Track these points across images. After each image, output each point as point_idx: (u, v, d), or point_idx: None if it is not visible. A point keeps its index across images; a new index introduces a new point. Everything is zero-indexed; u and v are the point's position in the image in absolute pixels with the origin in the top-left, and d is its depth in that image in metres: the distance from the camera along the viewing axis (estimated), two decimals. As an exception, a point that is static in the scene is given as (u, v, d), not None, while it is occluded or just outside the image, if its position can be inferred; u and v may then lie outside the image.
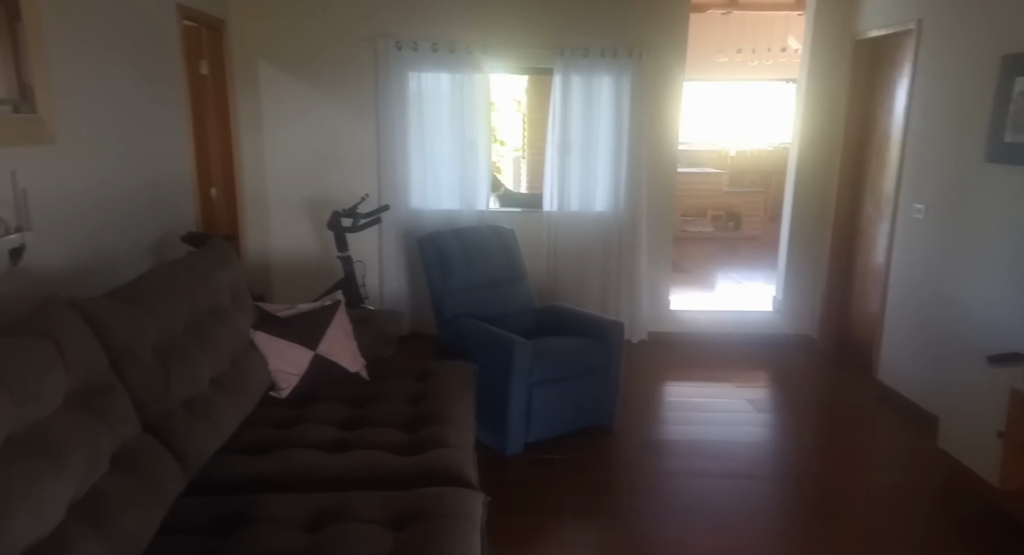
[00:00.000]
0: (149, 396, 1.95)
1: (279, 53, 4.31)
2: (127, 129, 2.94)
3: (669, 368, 4.33)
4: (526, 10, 4.24)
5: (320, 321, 2.88)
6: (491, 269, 3.59)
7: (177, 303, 2.25)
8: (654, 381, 4.11)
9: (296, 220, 4.57)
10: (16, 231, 2.16)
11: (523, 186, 8.18)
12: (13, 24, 2.14)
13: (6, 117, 2.13)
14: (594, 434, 3.28)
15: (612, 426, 3.36)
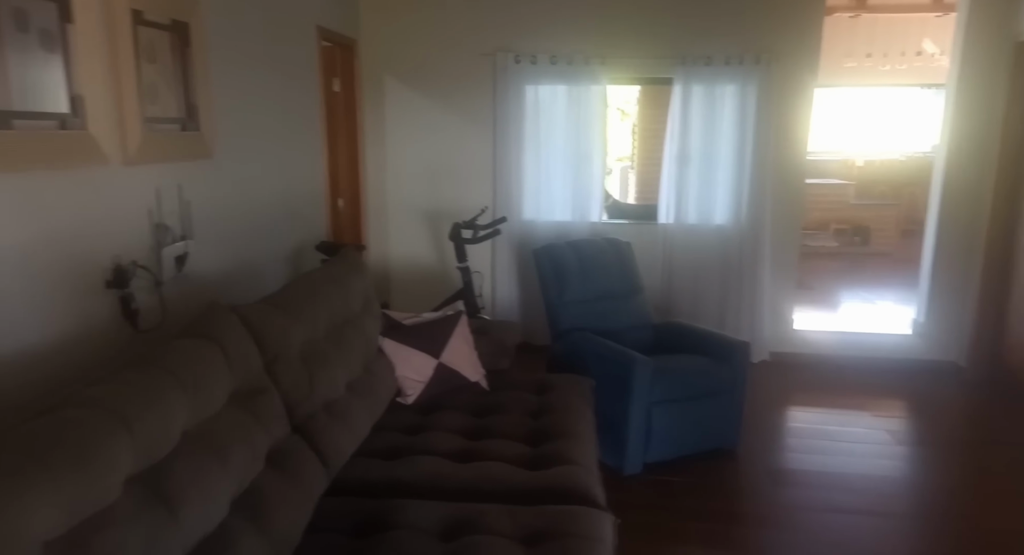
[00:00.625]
0: (296, 398, 2.05)
1: (404, 69, 4.48)
2: (271, 144, 3.14)
3: (794, 391, 4.08)
4: (647, 20, 4.17)
5: (443, 330, 2.93)
6: (607, 282, 3.53)
7: (319, 310, 2.36)
8: (778, 405, 3.88)
9: (413, 230, 4.72)
10: (181, 239, 2.36)
11: (630, 197, 8.06)
12: (184, 49, 2.34)
13: (175, 135, 2.33)
14: (716, 458, 3.13)
15: (735, 451, 3.20)
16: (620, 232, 4.23)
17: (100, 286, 1.96)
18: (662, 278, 4.44)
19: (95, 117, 1.89)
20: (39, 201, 1.73)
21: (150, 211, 2.19)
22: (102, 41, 1.91)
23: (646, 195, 7.42)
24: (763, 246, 4.30)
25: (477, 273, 4.02)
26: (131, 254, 2.08)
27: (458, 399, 2.72)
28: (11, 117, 1.60)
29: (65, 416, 1.26)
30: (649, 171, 7.41)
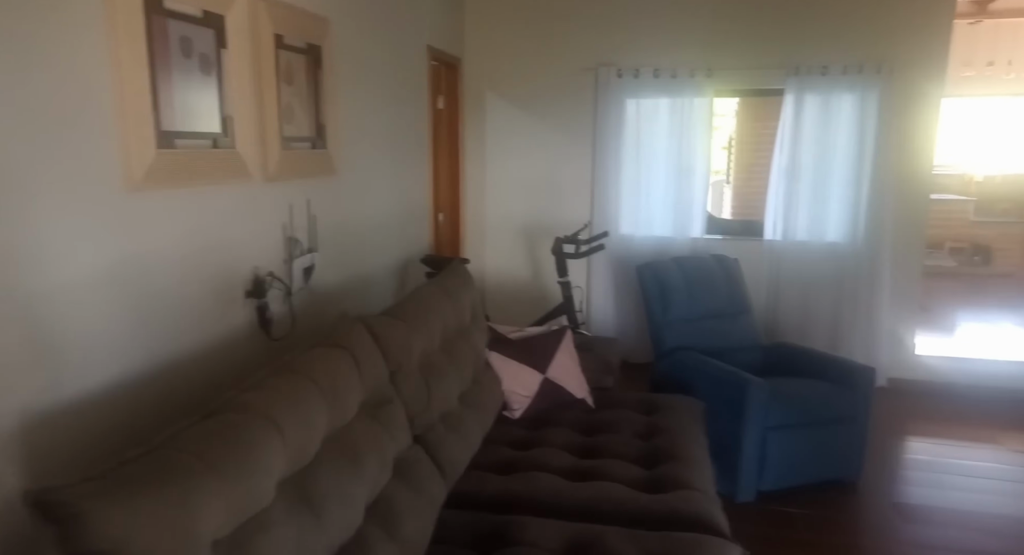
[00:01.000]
0: (416, 409, 2.09)
1: (505, 85, 4.55)
2: (384, 161, 3.25)
3: (917, 421, 3.79)
4: (757, 30, 4.05)
5: (548, 345, 2.92)
6: (714, 301, 3.42)
7: (434, 322, 2.40)
8: (900, 435, 3.62)
9: (509, 245, 4.76)
10: (308, 252, 2.47)
11: (725, 212, 7.81)
12: (316, 71, 2.46)
13: (307, 153, 2.45)
14: (836, 490, 2.95)
15: (856, 483, 3.00)
16: (722, 248, 4.10)
17: (240, 295, 2.07)
18: (767, 297, 4.26)
19: (242, 136, 2.01)
20: (195, 215, 1.85)
21: (284, 225, 2.30)
22: (249, 65, 2.03)
23: (742, 210, 7.17)
24: (881, 265, 4.05)
25: (577, 288, 4.00)
26: (266, 265, 2.19)
27: (565, 415, 2.69)
28: (174, 137, 1.72)
29: (227, 420, 1.33)
30: (746, 185, 7.16)
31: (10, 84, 1.29)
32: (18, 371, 1.33)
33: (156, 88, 1.62)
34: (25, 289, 1.34)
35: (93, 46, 1.46)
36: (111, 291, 1.55)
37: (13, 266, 1.32)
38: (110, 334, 1.56)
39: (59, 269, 1.42)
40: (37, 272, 1.37)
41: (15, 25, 1.29)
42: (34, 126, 1.34)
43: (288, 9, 2.22)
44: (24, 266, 1.34)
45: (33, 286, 1.36)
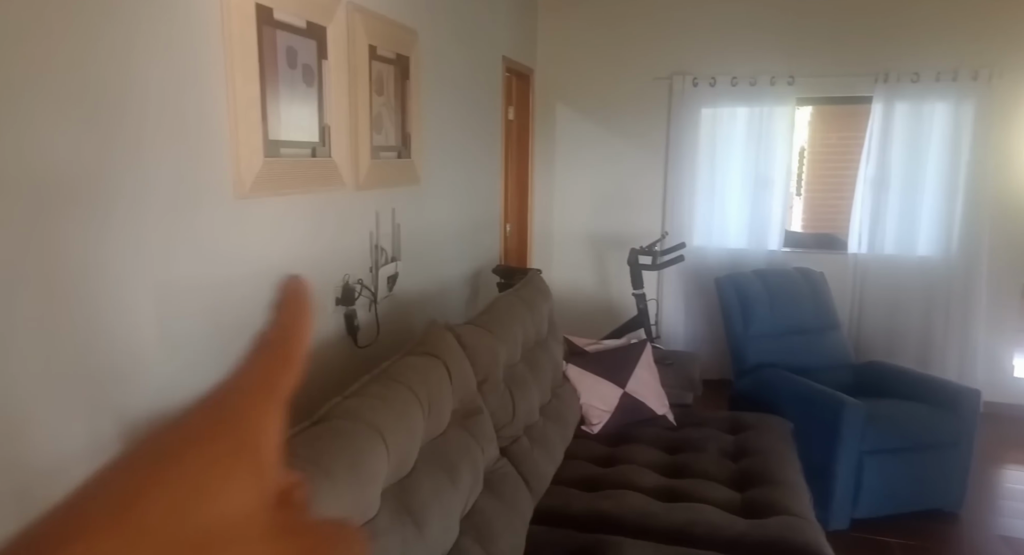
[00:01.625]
0: (502, 420, 2.06)
1: (575, 95, 4.52)
2: (461, 171, 3.26)
3: (1019, 448, 3.54)
4: (843, 35, 3.90)
5: (627, 359, 2.85)
6: (799, 316, 3.28)
7: (517, 332, 2.38)
8: (1001, 462, 3.38)
9: (577, 256, 4.71)
10: (392, 261, 2.48)
11: (795, 224, 7.54)
12: (404, 82, 2.49)
13: (393, 162, 2.47)
14: (936, 519, 2.76)
15: (959, 513, 2.81)
16: (802, 262, 3.94)
17: (331, 303, 2.09)
18: (852, 312, 4.07)
19: (337, 145, 2.03)
20: (293, 222, 1.88)
21: (371, 233, 2.32)
22: (345, 75, 2.06)
23: (815, 223, 6.90)
24: (977, 281, 3.81)
25: (652, 300, 3.91)
26: (354, 273, 2.21)
27: (646, 432, 2.62)
28: (280, 146, 1.75)
29: (336, 427, 1.32)
30: (820, 197, 6.88)
31: (132, 89, 1.33)
32: (118, 378, 1.36)
33: (265, 97, 1.66)
34: (131, 294, 1.38)
35: (210, 55, 1.50)
36: (214, 297, 1.58)
37: (122, 270, 1.35)
38: (213, 340, 1.58)
39: (166, 275, 1.45)
40: (144, 277, 1.40)
41: (136, 35, 1.33)
42: (155, 132, 1.38)
43: (382, 21, 2.25)
44: (130, 271, 1.38)
45: (139, 291, 1.39)
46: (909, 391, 2.92)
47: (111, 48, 1.27)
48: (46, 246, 1.18)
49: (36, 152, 1.14)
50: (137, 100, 1.33)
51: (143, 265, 1.38)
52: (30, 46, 1.12)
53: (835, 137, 6.90)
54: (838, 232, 5.91)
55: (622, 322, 3.92)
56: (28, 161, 1.13)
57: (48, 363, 1.19)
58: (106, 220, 1.29)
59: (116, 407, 1.34)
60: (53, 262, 1.19)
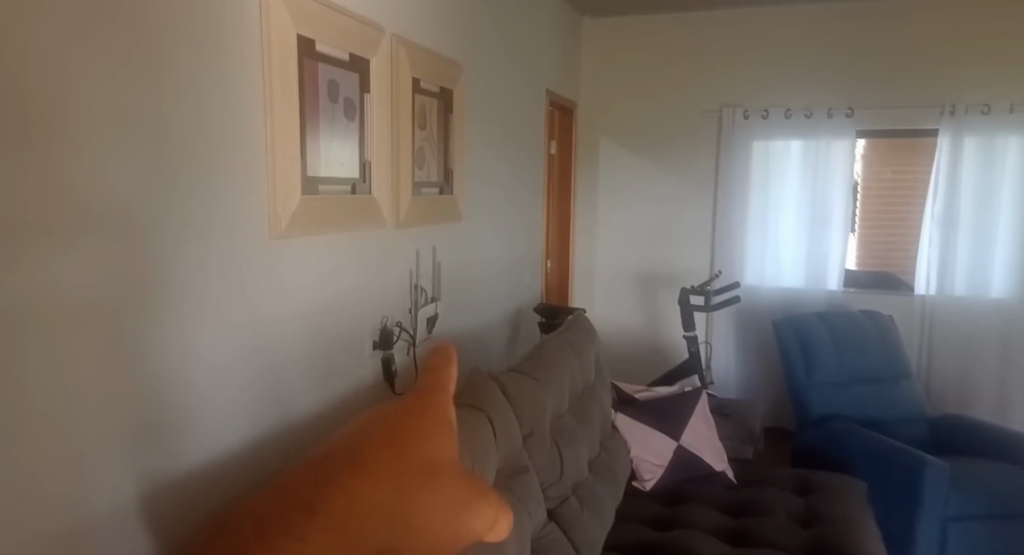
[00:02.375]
0: (549, 479, 1.88)
1: (619, 129, 4.41)
2: (503, 206, 3.15)
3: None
4: (906, 66, 3.71)
5: (681, 408, 2.66)
6: (867, 362, 3.04)
7: (564, 380, 2.21)
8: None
9: (621, 294, 4.53)
10: (431, 301, 2.36)
11: (849, 262, 7.22)
12: (447, 116, 2.40)
13: (434, 198, 2.36)
14: (1034, 599, 2.46)
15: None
16: (864, 303, 3.70)
17: (368, 347, 1.97)
18: (919, 359, 3.78)
19: (378, 181, 1.94)
20: (330, 263, 1.77)
21: (411, 272, 2.21)
22: (388, 109, 1.98)
23: (871, 260, 6.60)
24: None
25: (705, 344, 3.70)
26: (393, 315, 2.09)
27: (704, 491, 2.40)
28: (318, 183, 1.66)
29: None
30: (875, 233, 6.59)
31: (168, 122, 1.24)
32: (148, 435, 1.24)
33: (304, 132, 1.57)
34: (161, 343, 1.27)
35: (250, 88, 1.42)
36: (246, 345, 1.47)
37: (153, 319, 1.25)
38: (243, 391, 1.47)
39: (198, 322, 1.34)
40: (175, 325, 1.29)
41: (175, 67, 1.25)
42: (189, 169, 1.29)
43: (426, 53, 2.17)
44: (163, 319, 1.27)
45: (170, 340, 1.28)
46: (994, 449, 2.65)
47: (152, 84, 1.19)
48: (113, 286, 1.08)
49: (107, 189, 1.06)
50: (174, 138, 1.25)
51: (186, 308, 1.28)
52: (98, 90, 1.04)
53: (889, 171, 6.63)
54: (896, 271, 5.60)
55: (670, 366, 3.71)
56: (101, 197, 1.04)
57: (105, 409, 1.09)
58: (158, 259, 1.19)
59: (164, 455, 1.22)
60: (119, 303, 1.09)
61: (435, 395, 0.37)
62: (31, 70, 1.00)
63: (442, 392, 0.38)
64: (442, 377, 0.39)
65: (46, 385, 1.05)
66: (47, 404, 1.06)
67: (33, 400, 1.04)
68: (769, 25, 3.95)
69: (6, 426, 1.00)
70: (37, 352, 1.04)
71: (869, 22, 3.76)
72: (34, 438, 1.04)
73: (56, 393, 1.07)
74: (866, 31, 3.77)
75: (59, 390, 1.07)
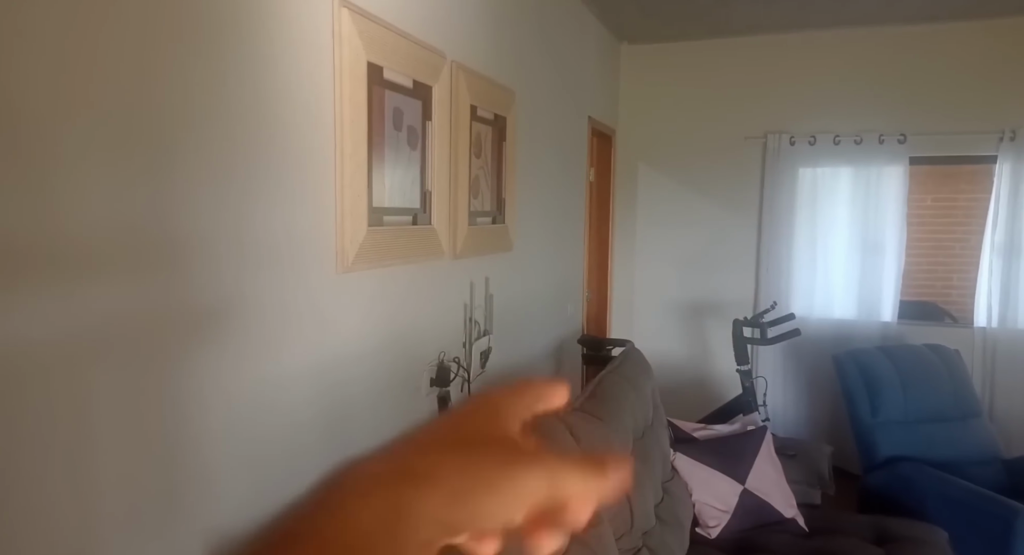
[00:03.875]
0: (620, 529, 1.75)
1: (659, 157, 4.33)
2: (549, 236, 3.07)
3: None
4: (961, 91, 3.60)
5: (745, 448, 2.51)
6: (936, 400, 2.87)
7: (627, 419, 2.09)
8: None
9: (662, 325, 4.40)
10: (484, 334, 2.26)
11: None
12: (501, 143, 2.33)
13: (488, 227, 2.29)
14: None
15: None
16: (919, 336, 3.53)
17: (426, 384, 1.87)
18: (983, 395, 3.59)
19: (437, 211, 1.86)
20: (391, 296, 1.69)
21: (465, 305, 2.12)
22: (448, 137, 1.91)
23: (916, 290, 6.42)
24: None
25: (761, 378, 3.55)
26: (449, 350, 1.99)
27: (774, 540, 2.24)
28: (383, 214, 1.58)
29: None
30: (919, 262, 6.42)
31: (241, 153, 1.17)
32: (216, 485, 1.15)
33: (371, 162, 1.50)
34: (227, 386, 1.18)
35: (321, 117, 1.35)
36: (311, 386, 1.38)
37: (219, 364, 1.16)
38: (310, 436, 1.37)
39: (267, 362, 1.25)
40: (240, 368, 1.21)
41: (254, 96, 1.18)
42: (262, 201, 1.22)
43: (482, 80, 2.11)
44: (230, 364, 1.19)
45: (235, 384, 1.19)
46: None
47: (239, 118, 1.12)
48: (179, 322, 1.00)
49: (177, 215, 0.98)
50: (245, 170, 1.18)
51: (254, 345, 1.20)
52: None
53: (930, 198, 6.47)
54: (940, 300, 5.40)
55: (714, 400, 3.56)
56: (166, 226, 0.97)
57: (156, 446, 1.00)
58: (225, 293, 1.11)
59: (225, 510, 1.13)
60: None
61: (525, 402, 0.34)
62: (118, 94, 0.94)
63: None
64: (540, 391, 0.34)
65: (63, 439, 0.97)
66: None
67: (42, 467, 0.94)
68: (814, 50, 3.87)
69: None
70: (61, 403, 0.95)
71: (922, 46, 3.66)
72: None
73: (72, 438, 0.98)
74: (918, 55, 3.67)
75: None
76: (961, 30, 3.58)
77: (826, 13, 3.55)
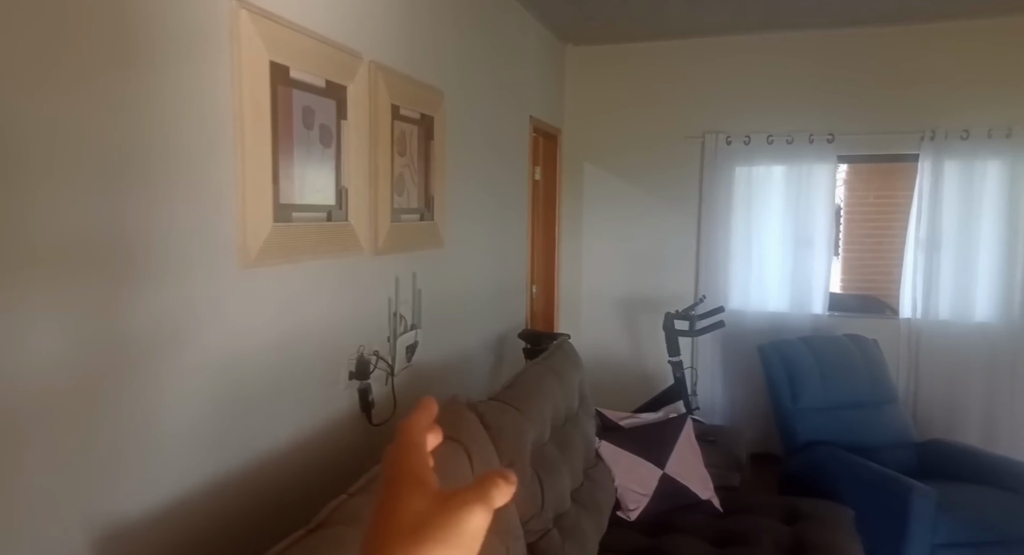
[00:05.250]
0: (529, 512, 1.83)
1: (604, 155, 4.43)
2: (486, 233, 3.14)
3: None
4: (886, 92, 3.76)
5: (666, 435, 2.62)
6: (853, 387, 3.02)
7: (546, 408, 2.17)
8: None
9: (606, 320, 4.51)
10: (411, 329, 2.32)
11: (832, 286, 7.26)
12: (428, 142, 2.40)
13: (414, 224, 2.35)
14: (1027, 630, 2.41)
15: (1054, 623, 2.45)
16: (850, 327, 3.68)
17: (344, 377, 1.93)
18: (906, 383, 3.76)
19: (355, 208, 1.92)
20: (303, 292, 1.74)
21: (390, 300, 2.18)
22: (366, 135, 1.97)
23: (856, 284, 6.65)
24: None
25: (691, 369, 3.67)
26: (370, 344, 2.05)
27: (689, 520, 2.35)
28: (291, 210, 1.63)
29: (337, 535, 1.13)
30: (860, 257, 6.65)
31: (132, 152, 1.22)
32: (104, 474, 1.19)
33: (277, 159, 1.55)
34: (125, 379, 1.23)
35: (219, 117, 1.40)
36: (213, 379, 1.43)
37: (120, 353, 1.21)
38: (210, 427, 1.42)
39: (166, 356, 1.30)
40: (142, 361, 1.25)
41: (142, 91, 1.23)
42: (155, 200, 1.27)
43: (405, 80, 2.17)
44: (130, 353, 1.23)
45: (134, 376, 1.24)
46: (982, 475, 2.62)
47: (124, 110, 1.17)
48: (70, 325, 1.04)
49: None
50: (138, 169, 1.22)
51: (146, 343, 1.24)
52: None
53: (873, 195, 6.70)
54: (880, 294, 5.61)
55: (656, 392, 3.68)
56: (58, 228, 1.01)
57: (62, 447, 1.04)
58: (115, 292, 1.16)
59: (118, 497, 1.17)
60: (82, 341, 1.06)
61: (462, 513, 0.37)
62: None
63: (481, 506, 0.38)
64: (492, 487, 0.38)
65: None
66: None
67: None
68: (750, 52, 4.01)
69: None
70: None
71: (848, 50, 3.82)
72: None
73: None
74: (846, 58, 3.83)
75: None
76: (885, 34, 3.75)
77: (758, 17, 3.68)
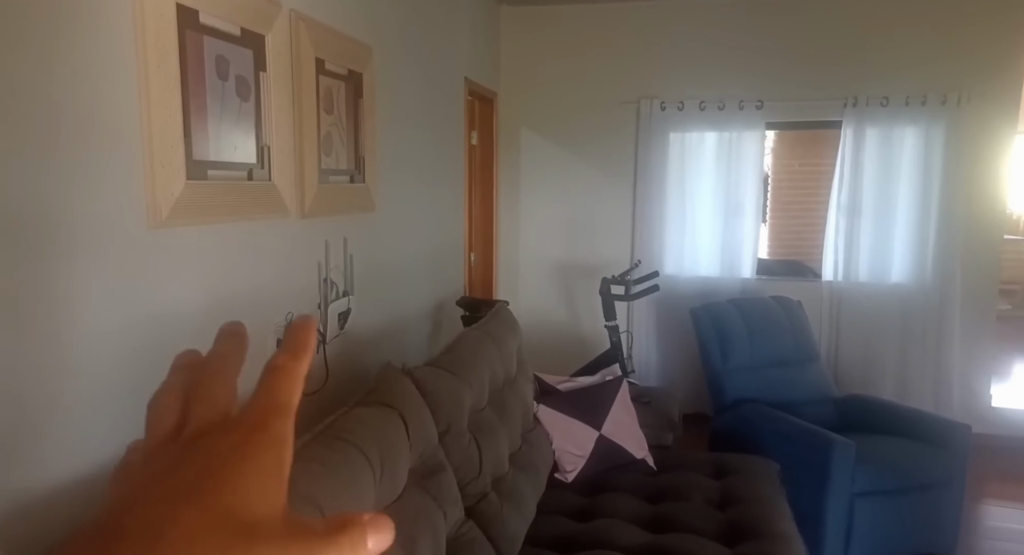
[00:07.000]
0: (468, 476, 1.83)
1: (540, 120, 4.39)
2: (421, 197, 3.06)
3: (1003, 482, 3.43)
4: (811, 60, 3.85)
5: (602, 398, 2.66)
6: (778, 347, 3.14)
7: (483, 373, 2.16)
8: (986, 498, 3.26)
9: (545, 286, 4.52)
10: (344, 295, 2.24)
11: (761, 251, 7.53)
12: (357, 100, 2.29)
13: (344, 186, 2.25)
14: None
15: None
16: (776, 290, 3.82)
17: (272, 345, 1.84)
18: (828, 342, 3.95)
19: (279, 168, 1.81)
20: (224, 255, 1.64)
21: (319, 265, 2.09)
22: (288, 90, 1.85)
23: (782, 250, 6.91)
24: (952, 308, 3.74)
25: (625, 333, 3.73)
26: (300, 311, 1.97)
27: (624, 479, 2.40)
28: (207, 167, 1.52)
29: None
30: (786, 223, 6.91)
31: (25, 105, 1.09)
32: (24, 437, 1.09)
33: (188, 111, 1.43)
34: (18, 346, 1.12)
35: (120, 63, 1.27)
36: (121, 345, 1.33)
37: (9, 318, 1.10)
38: (117, 399, 1.32)
39: (63, 322, 1.20)
40: (34, 326, 1.15)
41: (34, 35, 1.10)
42: (47, 150, 1.14)
43: (331, 33, 2.05)
44: (22, 318, 1.12)
45: (27, 343, 1.14)
46: (895, 427, 2.79)
47: None
48: None
49: None
50: (30, 108, 1.10)
51: (44, 309, 1.13)
52: None
53: (797, 163, 6.93)
54: (806, 259, 5.85)
55: (593, 356, 3.73)
56: None
57: None
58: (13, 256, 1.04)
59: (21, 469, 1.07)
60: None
61: (271, 425, 0.29)
62: None
63: (282, 416, 0.30)
64: (282, 391, 0.31)
65: None
66: None
67: None
68: (684, 17, 4.02)
69: None
70: None
71: (775, 16, 3.88)
72: None
73: None
74: (773, 25, 3.89)
75: None
76: (812, 1, 3.82)
77: (692, -19, 3.68)
